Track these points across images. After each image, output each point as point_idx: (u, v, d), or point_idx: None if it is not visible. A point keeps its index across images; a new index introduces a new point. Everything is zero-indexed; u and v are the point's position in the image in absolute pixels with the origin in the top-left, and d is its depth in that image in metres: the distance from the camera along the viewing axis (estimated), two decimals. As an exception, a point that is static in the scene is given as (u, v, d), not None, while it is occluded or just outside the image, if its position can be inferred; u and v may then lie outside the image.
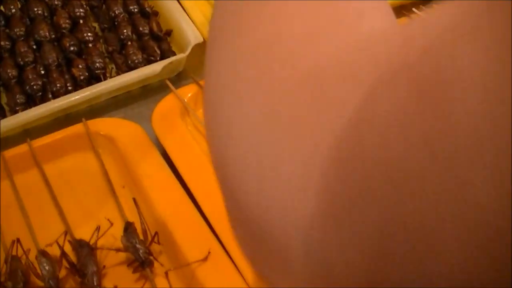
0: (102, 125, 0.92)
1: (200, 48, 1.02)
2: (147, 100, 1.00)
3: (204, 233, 0.78)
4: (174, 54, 1.03)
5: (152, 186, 0.83)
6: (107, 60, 1.03)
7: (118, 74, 1.00)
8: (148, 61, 1.02)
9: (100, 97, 0.97)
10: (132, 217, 0.80)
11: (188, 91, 0.95)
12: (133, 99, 1.00)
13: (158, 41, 1.06)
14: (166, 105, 0.94)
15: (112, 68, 1.02)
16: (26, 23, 1.05)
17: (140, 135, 0.90)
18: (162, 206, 0.81)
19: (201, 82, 0.96)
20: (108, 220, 0.80)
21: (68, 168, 0.89)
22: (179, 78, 1.03)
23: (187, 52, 1.00)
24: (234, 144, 0.33)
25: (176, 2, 1.09)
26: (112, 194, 0.84)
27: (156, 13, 1.10)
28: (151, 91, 1.01)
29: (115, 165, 0.88)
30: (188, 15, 1.06)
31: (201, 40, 1.02)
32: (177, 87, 0.98)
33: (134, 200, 0.80)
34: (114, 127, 0.91)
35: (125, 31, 1.04)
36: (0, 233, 0.79)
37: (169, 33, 1.07)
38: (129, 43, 1.03)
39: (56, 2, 1.06)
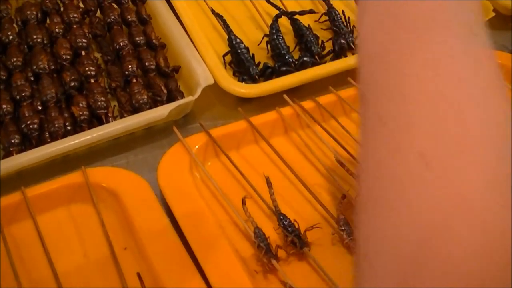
0: (103, 175, 0.83)
1: (210, 90, 0.95)
2: (152, 145, 0.91)
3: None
4: (181, 94, 0.95)
5: (156, 251, 0.76)
6: (109, 96, 0.94)
7: (120, 113, 0.92)
8: (154, 101, 0.94)
9: (101, 140, 0.88)
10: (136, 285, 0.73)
11: (196, 141, 0.87)
12: (137, 143, 0.92)
13: (165, 78, 0.97)
14: (173, 157, 0.86)
15: (115, 106, 0.93)
16: (24, 50, 0.96)
17: (144, 189, 0.81)
18: (166, 276, 0.74)
19: (211, 131, 0.88)
20: (109, 293, 0.73)
21: (65, 220, 0.81)
22: (186, 120, 0.95)
23: (197, 95, 0.92)
24: None
25: (186, 36, 1.00)
26: (112, 257, 0.76)
27: (163, 46, 1.01)
28: (156, 135, 0.93)
29: (116, 221, 0.80)
30: (198, 52, 0.98)
31: (212, 82, 0.94)
32: (183, 130, 0.91)
33: (139, 275, 0.72)
34: (117, 178, 0.83)
35: (130, 66, 0.95)
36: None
37: (177, 69, 0.98)
38: (134, 80, 0.95)
39: (57, 30, 0.97)
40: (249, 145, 0.90)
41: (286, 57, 0.99)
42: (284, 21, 1.07)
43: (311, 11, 1.06)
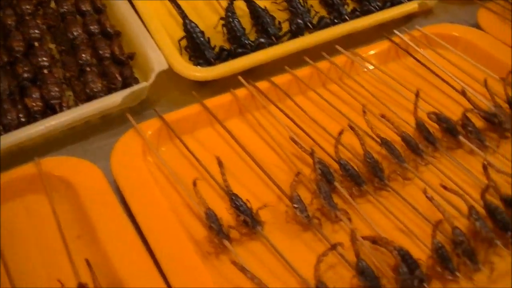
0: (57, 165, 0.82)
1: (167, 76, 0.94)
2: (108, 133, 0.90)
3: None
4: (136, 81, 0.94)
5: (109, 239, 0.74)
6: (64, 86, 0.93)
7: (76, 102, 0.91)
8: (109, 89, 0.92)
9: (55, 130, 0.87)
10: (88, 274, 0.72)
11: (150, 127, 0.86)
12: (93, 132, 0.90)
13: (120, 66, 0.96)
14: (126, 143, 0.84)
15: (70, 95, 0.92)
16: (-24, 44, 0.94)
17: (98, 178, 0.80)
18: (118, 262, 0.73)
19: (165, 116, 0.87)
20: (59, 281, 0.71)
21: (20, 212, 0.80)
22: (142, 107, 0.93)
23: (150, 81, 0.91)
24: None
25: (141, 23, 0.99)
26: (64, 246, 0.75)
27: (118, 34, 1.00)
28: (112, 122, 0.91)
29: (70, 211, 0.78)
30: (153, 38, 0.97)
31: (166, 67, 0.93)
32: (140, 116, 0.90)
33: (87, 261, 0.71)
34: (70, 168, 0.81)
35: (83, 55, 0.94)
36: None
37: (131, 56, 0.97)
38: (88, 69, 0.94)
39: (9, 22, 0.96)
40: (204, 128, 0.89)
41: (242, 39, 0.98)
42: (240, 4, 1.05)
43: (266, -8, 1.05)
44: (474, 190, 0.79)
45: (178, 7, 1.03)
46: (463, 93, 0.88)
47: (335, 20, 1.04)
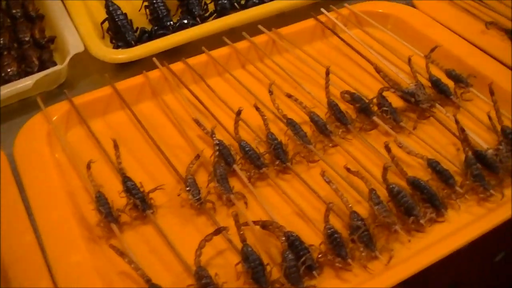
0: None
1: (88, 59, 0.90)
2: (25, 117, 0.86)
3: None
4: (54, 64, 0.90)
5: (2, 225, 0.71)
6: (-18, 71, 0.90)
7: (-8, 86, 0.88)
8: (26, 73, 0.89)
9: (-36, 114, 0.84)
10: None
11: (58, 110, 0.82)
12: (11, 117, 0.86)
13: (40, 49, 0.92)
14: (32, 127, 0.81)
15: (-12, 79, 0.89)
16: None
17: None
18: (7, 249, 0.69)
19: (75, 99, 0.83)
20: None
21: None
22: (61, 91, 0.89)
23: (65, 63, 0.87)
24: None
25: (62, 6, 0.95)
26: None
27: (41, 17, 0.96)
28: (30, 107, 0.87)
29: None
30: (72, 20, 0.93)
31: (82, 49, 0.88)
32: (56, 101, 0.85)
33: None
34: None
35: (1, 39, 0.91)
36: None
37: (52, 40, 0.93)
38: (6, 52, 0.90)
39: None
40: (116, 111, 0.85)
41: (164, 21, 0.93)
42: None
43: (193, -28, 1.00)
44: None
45: (101, -11, 0.99)
46: (377, 70, 0.82)
47: (265, 0, 0.98)
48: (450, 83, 0.85)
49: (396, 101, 0.82)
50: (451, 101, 0.83)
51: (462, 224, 0.70)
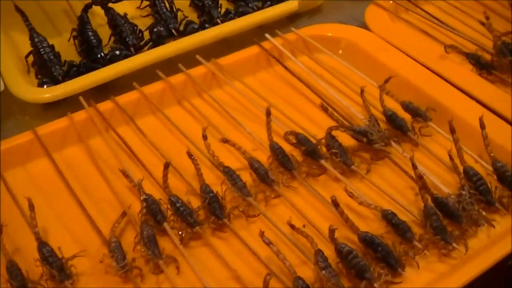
0: None
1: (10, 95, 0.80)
2: None
3: None
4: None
5: None
6: None
7: None
8: None
9: None
10: None
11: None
12: None
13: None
14: None
15: None
16: None
17: None
18: None
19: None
20: None
21: None
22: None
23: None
24: None
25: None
26: None
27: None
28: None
29: None
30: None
31: (2, 88, 0.79)
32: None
33: None
34: None
35: None
36: None
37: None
38: None
39: None
40: (37, 159, 0.74)
41: (94, 52, 0.84)
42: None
43: (126, -3, 0.90)
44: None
45: (25, 19, 0.88)
46: (323, 107, 0.72)
47: (206, 25, 0.88)
48: (407, 116, 0.76)
49: (348, 139, 0.73)
50: (408, 137, 0.74)
51: (422, 285, 0.61)
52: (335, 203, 0.63)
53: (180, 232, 0.64)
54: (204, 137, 0.70)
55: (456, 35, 0.88)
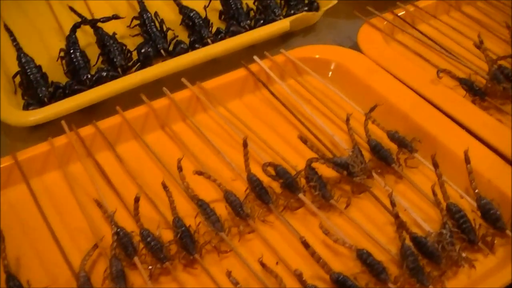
0: None
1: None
2: None
3: None
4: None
5: None
6: None
7: None
8: None
9: None
10: None
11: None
12: None
13: None
14: None
15: None
16: None
17: None
18: None
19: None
20: None
21: None
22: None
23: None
24: None
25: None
26: None
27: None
28: None
29: None
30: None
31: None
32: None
33: None
34: None
35: None
36: None
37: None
38: None
39: None
40: (16, 185, 0.72)
41: (80, 73, 0.82)
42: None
43: (115, 17, 0.87)
44: (310, 265, 0.61)
45: (13, 39, 0.87)
46: (302, 140, 0.69)
47: (196, 45, 0.86)
48: (393, 146, 0.73)
49: (330, 170, 0.70)
50: (393, 169, 0.71)
51: (395, 330, 0.58)
52: (305, 244, 0.60)
53: (150, 267, 0.62)
54: (179, 168, 0.68)
55: (451, 58, 0.84)
